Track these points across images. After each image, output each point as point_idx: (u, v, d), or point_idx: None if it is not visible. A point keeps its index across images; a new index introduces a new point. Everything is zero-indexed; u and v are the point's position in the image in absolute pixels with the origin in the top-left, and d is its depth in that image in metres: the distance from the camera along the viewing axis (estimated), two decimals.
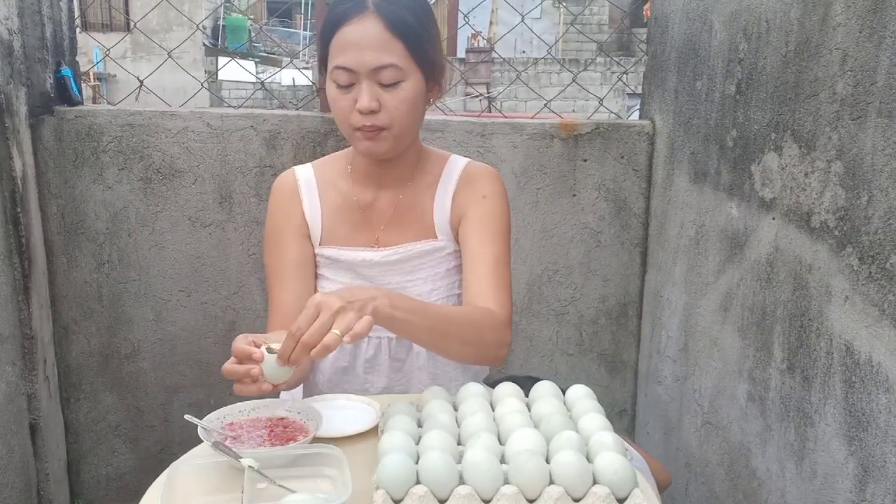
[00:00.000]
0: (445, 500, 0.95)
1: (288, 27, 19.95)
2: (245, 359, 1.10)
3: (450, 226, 1.43)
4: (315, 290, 1.46)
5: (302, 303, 1.40)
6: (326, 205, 1.44)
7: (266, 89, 2.59)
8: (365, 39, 1.24)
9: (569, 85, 2.55)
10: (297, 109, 2.32)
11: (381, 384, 1.45)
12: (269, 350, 1.10)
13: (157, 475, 1.07)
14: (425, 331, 1.22)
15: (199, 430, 1.12)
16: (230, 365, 1.11)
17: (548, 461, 0.99)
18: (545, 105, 2.45)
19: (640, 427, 2.41)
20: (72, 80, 2.16)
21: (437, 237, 1.43)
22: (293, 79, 13.63)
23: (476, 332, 1.28)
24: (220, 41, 16.77)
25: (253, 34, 16.05)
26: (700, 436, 1.95)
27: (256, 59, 14.93)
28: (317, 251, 1.45)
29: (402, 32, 1.26)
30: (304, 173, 1.47)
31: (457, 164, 1.46)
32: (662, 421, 2.20)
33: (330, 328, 1.07)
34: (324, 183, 1.45)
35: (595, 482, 0.97)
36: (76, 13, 2.30)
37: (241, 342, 1.12)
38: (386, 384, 1.45)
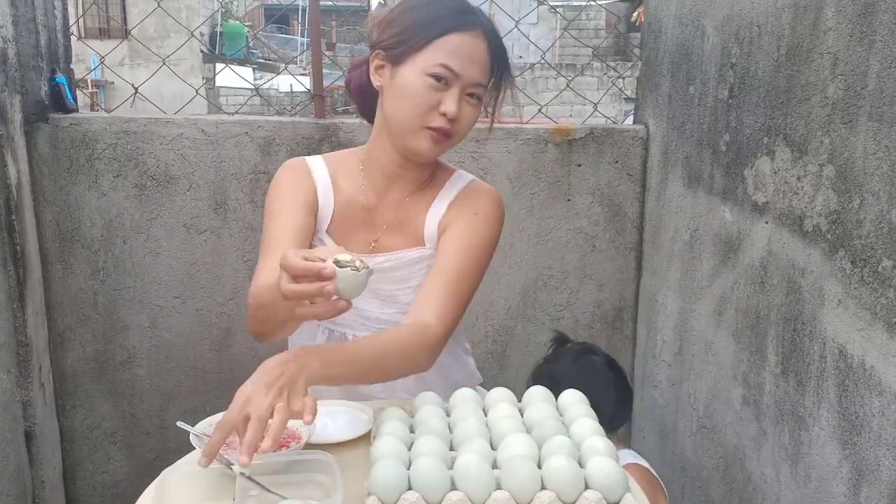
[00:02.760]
0: None
1: (286, 34, 19.99)
2: (311, 277, 0.99)
3: (437, 234, 1.42)
4: None
5: None
6: (337, 198, 1.42)
7: (261, 96, 2.59)
8: (476, 54, 1.29)
9: (563, 90, 2.55)
10: (293, 116, 2.32)
11: (365, 391, 1.42)
12: (339, 264, 0.99)
13: (153, 482, 1.07)
14: (359, 375, 1.21)
15: (192, 436, 1.12)
16: (295, 286, 1.00)
17: (540, 466, 0.99)
18: (539, 110, 2.45)
19: (636, 431, 2.40)
20: (66, 87, 2.16)
21: (425, 244, 1.43)
22: (290, 85, 13.64)
23: (406, 357, 1.26)
24: (218, 48, 16.80)
25: (250, 41, 16.08)
26: (695, 440, 1.95)
27: (254, 66, 14.95)
28: (319, 235, 1.42)
29: (497, 62, 1.33)
30: (316, 163, 1.45)
31: (461, 179, 1.46)
32: (658, 425, 2.20)
33: (263, 429, 0.99)
34: (335, 176, 1.43)
35: (587, 487, 0.97)
36: (73, 20, 2.30)
37: (297, 259, 1.00)
38: (369, 391, 1.42)
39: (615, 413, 1.75)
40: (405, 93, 1.29)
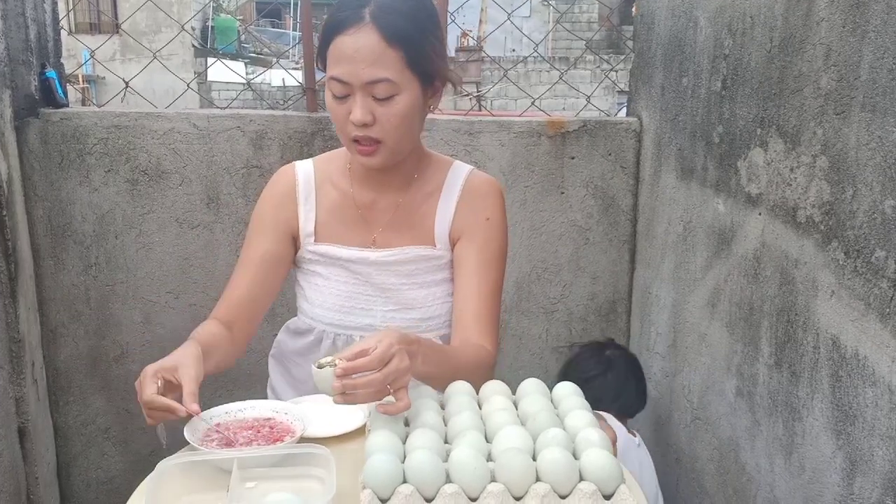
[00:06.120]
0: (432, 499, 0.95)
1: (277, 27, 19.92)
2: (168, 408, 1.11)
3: (449, 237, 1.42)
4: (278, 289, 1.45)
5: (253, 298, 1.39)
6: (323, 202, 1.43)
7: (253, 90, 2.59)
8: (360, 52, 1.22)
9: (556, 83, 2.55)
10: (285, 110, 2.31)
11: None
12: (320, 366, 1.07)
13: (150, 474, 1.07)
14: (439, 381, 1.23)
15: (185, 430, 1.12)
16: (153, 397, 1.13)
17: (534, 458, 0.99)
18: (532, 103, 2.45)
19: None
20: (56, 82, 2.14)
21: (435, 245, 1.43)
22: (283, 79, 13.58)
23: (475, 377, 1.29)
24: (210, 42, 16.73)
25: (242, 35, 16.01)
26: (690, 431, 1.95)
27: (246, 60, 14.89)
28: (310, 248, 1.43)
29: (399, 44, 1.23)
30: (305, 169, 1.46)
31: (460, 172, 1.45)
32: (652, 417, 2.21)
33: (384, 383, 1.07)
34: (323, 180, 1.44)
35: (581, 479, 0.97)
36: (63, 15, 2.29)
37: (154, 390, 1.13)
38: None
39: (633, 401, 2.02)
40: (329, 112, 1.31)
